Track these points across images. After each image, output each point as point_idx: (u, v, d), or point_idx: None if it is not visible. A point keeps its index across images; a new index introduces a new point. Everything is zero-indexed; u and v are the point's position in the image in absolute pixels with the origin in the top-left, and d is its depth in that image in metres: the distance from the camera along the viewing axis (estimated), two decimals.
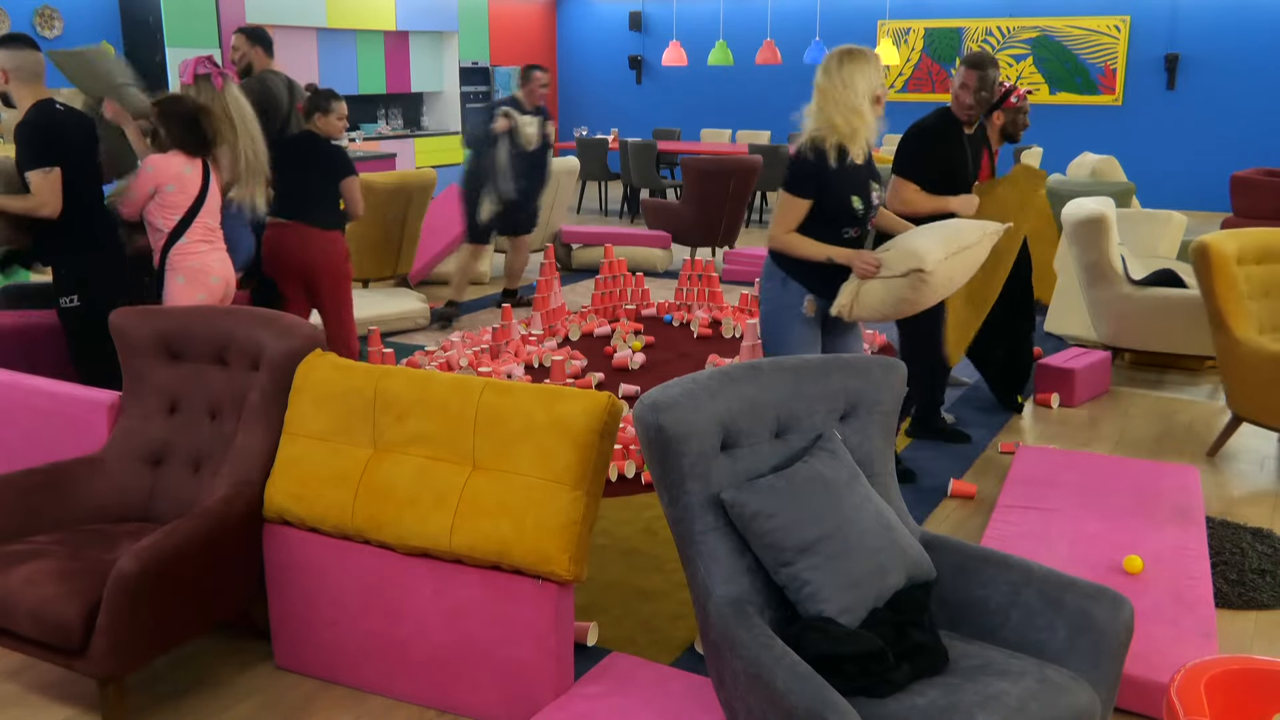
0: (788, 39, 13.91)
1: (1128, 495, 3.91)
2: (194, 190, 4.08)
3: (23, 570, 2.66)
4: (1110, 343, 5.67)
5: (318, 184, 5.02)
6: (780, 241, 3.70)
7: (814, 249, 3.66)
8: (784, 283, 3.74)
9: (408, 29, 12.70)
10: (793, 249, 3.69)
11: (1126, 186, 7.14)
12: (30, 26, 9.57)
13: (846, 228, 3.69)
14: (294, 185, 4.90)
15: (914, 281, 3.61)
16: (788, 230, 3.68)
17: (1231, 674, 2.06)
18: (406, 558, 2.77)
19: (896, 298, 3.64)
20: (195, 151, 4.10)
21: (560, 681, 2.71)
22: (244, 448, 2.98)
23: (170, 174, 4.03)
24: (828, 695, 1.95)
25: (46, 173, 3.86)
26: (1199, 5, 12.06)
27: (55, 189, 3.89)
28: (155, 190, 4.01)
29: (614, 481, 4.36)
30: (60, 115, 3.98)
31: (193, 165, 4.09)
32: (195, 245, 4.09)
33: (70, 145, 3.98)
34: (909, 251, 3.59)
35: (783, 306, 3.75)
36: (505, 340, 6.06)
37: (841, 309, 3.70)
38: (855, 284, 3.67)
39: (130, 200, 4.05)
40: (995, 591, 2.42)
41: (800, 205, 3.64)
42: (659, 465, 2.33)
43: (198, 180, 4.09)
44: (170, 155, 4.07)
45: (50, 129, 3.91)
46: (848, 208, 3.65)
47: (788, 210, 3.66)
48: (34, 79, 3.96)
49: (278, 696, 2.91)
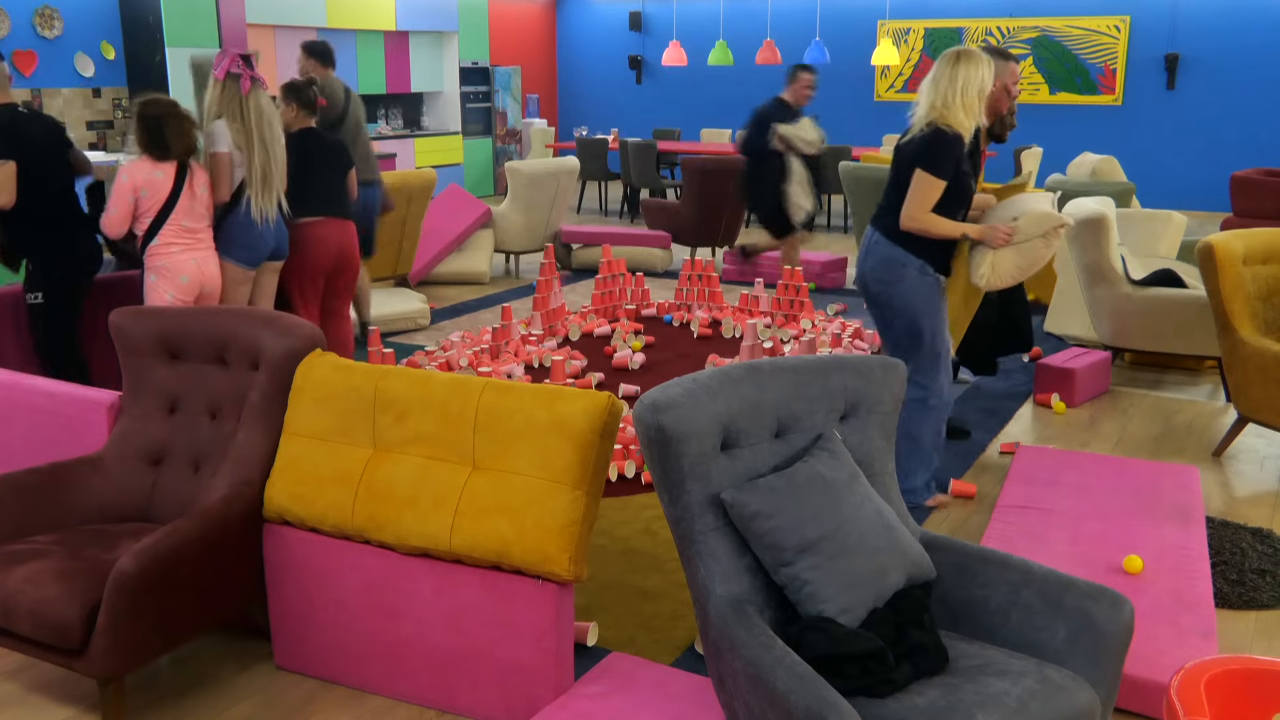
0: (788, 39, 13.91)
1: (1128, 495, 3.91)
2: (164, 193, 4.17)
3: (23, 570, 2.66)
4: (1110, 343, 5.67)
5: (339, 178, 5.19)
6: (921, 221, 3.85)
7: (952, 227, 3.89)
8: (921, 270, 3.93)
9: (408, 29, 12.70)
10: (933, 228, 3.86)
11: (1126, 186, 7.14)
12: (30, 26, 9.57)
13: (961, 209, 3.95)
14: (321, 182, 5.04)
15: (1049, 239, 3.96)
16: (927, 210, 3.84)
17: (1231, 674, 2.06)
18: (406, 558, 2.77)
19: (1030, 260, 3.99)
20: (159, 156, 4.16)
21: (560, 681, 2.71)
22: (244, 448, 2.98)
23: (141, 179, 4.14)
24: (828, 695, 1.94)
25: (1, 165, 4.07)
26: (1199, 5, 12.06)
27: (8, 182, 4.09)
28: (134, 196, 4.14)
29: (614, 481, 4.36)
30: (21, 116, 4.19)
31: (163, 169, 4.17)
32: (167, 246, 4.22)
33: (31, 144, 4.15)
34: (1042, 214, 3.93)
35: (927, 287, 3.95)
36: (505, 340, 6.06)
37: (981, 279, 4.01)
38: (989, 254, 3.98)
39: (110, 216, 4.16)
40: (995, 591, 2.42)
41: (939, 186, 3.80)
42: (659, 465, 2.33)
43: (168, 183, 4.18)
44: (139, 161, 4.16)
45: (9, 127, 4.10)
46: (969, 190, 3.94)
47: (928, 190, 3.81)
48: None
49: (278, 696, 2.91)
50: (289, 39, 11.42)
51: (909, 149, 3.88)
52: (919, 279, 3.93)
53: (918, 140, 3.83)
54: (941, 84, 3.80)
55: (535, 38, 15.56)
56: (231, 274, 4.50)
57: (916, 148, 3.83)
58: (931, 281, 3.95)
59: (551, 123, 16.04)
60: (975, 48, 3.88)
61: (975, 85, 3.77)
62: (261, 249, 4.54)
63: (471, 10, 13.58)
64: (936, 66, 3.85)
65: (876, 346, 6.26)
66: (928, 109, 3.82)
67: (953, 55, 3.81)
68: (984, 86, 3.79)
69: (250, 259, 4.51)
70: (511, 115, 14.33)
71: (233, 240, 4.46)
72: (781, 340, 6.25)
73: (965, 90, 3.76)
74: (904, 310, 3.96)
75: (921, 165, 3.79)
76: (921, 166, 3.79)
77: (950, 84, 3.78)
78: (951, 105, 3.77)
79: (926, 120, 3.82)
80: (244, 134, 4.36)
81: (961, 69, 3.77)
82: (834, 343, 6.15)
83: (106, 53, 10.18)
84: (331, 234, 5.06)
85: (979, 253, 3.99)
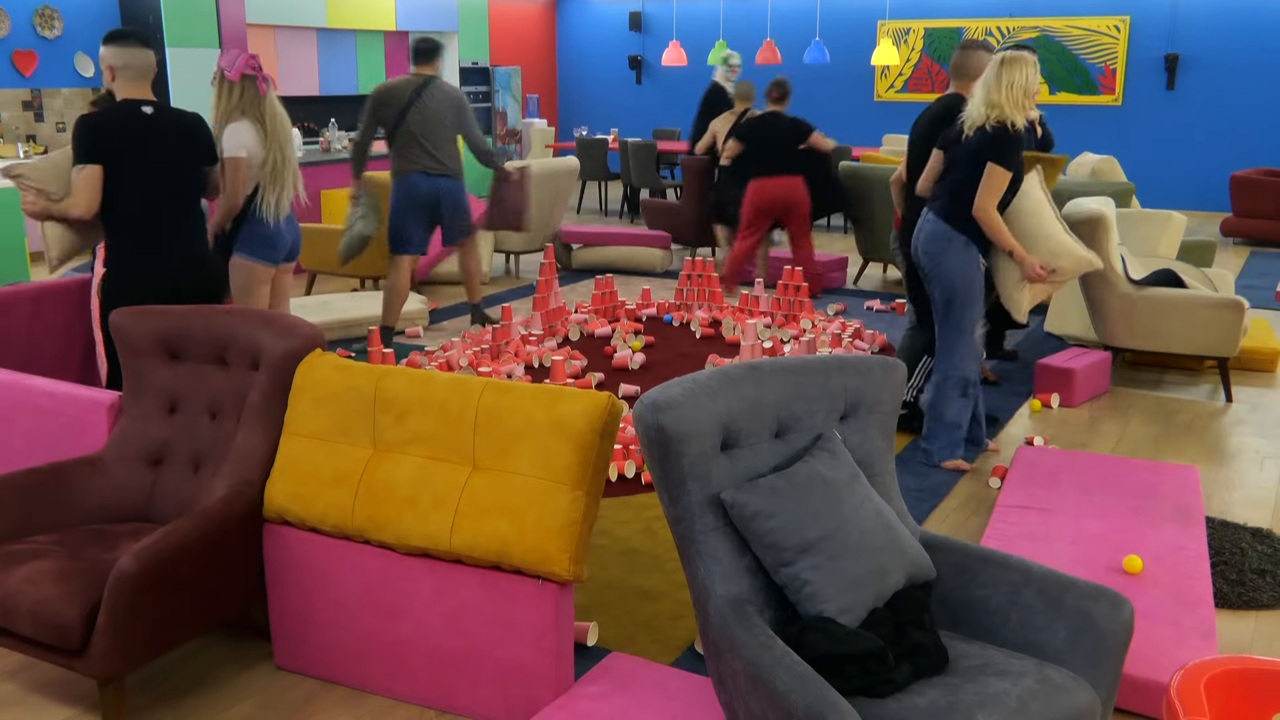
0: (788, 39, 13.91)
1: (1128, 495, 3.91)
2: None
3: (23, 570, 2.66)
4: (1110, 343, 5.67)
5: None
6: (990, 215, 4.22)
7: (1008, 237, 4.27)
8: (967, 245, 4.33)
9: (408, 29, 12.70)
10: (995, 227, 4.24)
11: (1126, 186, 7.13)
12: (30, 26, 9.58)
13: (1013, 195, 4.32)
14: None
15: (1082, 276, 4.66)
16: (995, 201, 4.21)
17: (1231, 674, 2.06)
18: (406, 558, 2.78)
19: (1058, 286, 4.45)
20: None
21: (560, 681, 2.71)
22: (244, 448, 2.98)
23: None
24: (828, 695, 1.94)
25: (80, 170, 3.69)
26: (1199, 5, 12.06)
27: (85, 187, 3.69)
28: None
29: (614, 481, 4.36)
30: (133, 116, 3.76)
31: None
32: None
33: (131, 147, 3.75)
34: (1082, 260, 4.34)
35: (970, 261, 4.35)
36: (505, 340, 6.06)
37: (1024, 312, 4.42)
38: (1025, 287, 4.37)
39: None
40: (995, 591, 2.42)
41: (1006, 177, 4.19)
42: (659, 465, 2.33)
43: None
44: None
45: (99, 130, 3.70)
46: (1021, 179, 4.31)
47: (997, 182, 4.19)
48: (139, 78, 3.82)
49: (278, 696, 2.91)
50: (289, 39, 11.41)
51: (975, 144, 4.22)
52: (963, 252, 4.33)
53: (986, 136, 4.17)
54: (992, 84, 4.18)
55: (535, 38, 15.56)
56: (255, 273, 4.44)
57: (986, 143, 4.17)
58: (974, 258, 4.34)
59: (551, 123, 16.04)
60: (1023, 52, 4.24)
61: (1020, 84, 4.12)
62: (282, 246, 4.51)
63: (471, 10, 13.58)
64: (988, 70, 4.23)
65: (877, 346, 6.26)
66: (985, 108, 4.18)
67: (1000, 59, 4.19)
68: (1029, 85, 4.14)
69: (272, 256, 4.49)
70: (511, 115, 14.32)
71: (254, 239, 4.42)
72: (781, 340, 6.25)
73: (1012, 87, 4.13)
74: (942, 279, 4.37)
75: (993, 159, 4.16)
76: (993, 160, 4.16)
77: (998, 84, 4.15)
78: (1002, 104, 4.14)
79: (984, 118, 4.18)
80: (265, 136, 4.31)
81: (1008, 70, 4.14)
82: (834, 343, 6.15)
83: None
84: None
85: (1017, 288, 4.37)
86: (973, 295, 4.37)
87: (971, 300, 4.37)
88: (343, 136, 9.94)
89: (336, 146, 9.71)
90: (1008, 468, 4.33)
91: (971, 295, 4.37)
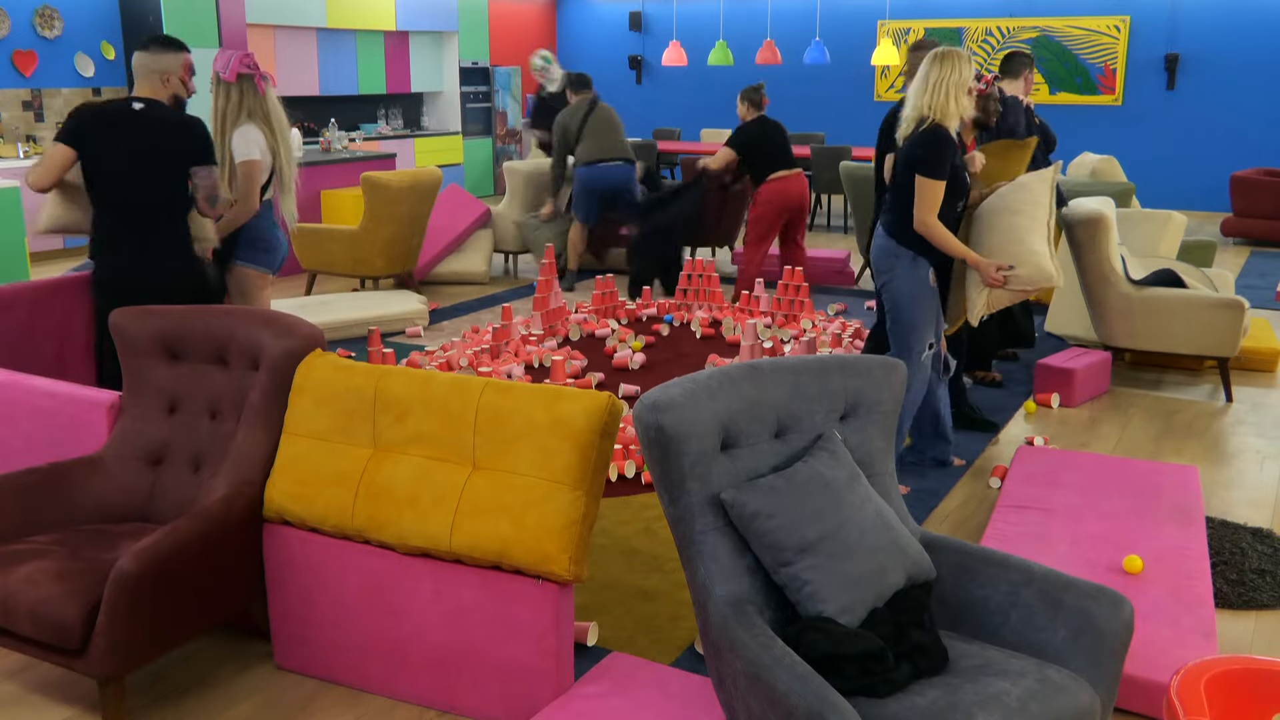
0: (788, 39, 13.91)
1: (1128, 495, 3.91)
2: None
3: (23, 570, 2.66)
4: (1110, 343, 5.67)
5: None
6: (930, 228, 4.01)
7: (956, 246, 4.07)
8: (914, 260, 4.12)
9: (408, 29, 12.70)
10: (940, 240, 4.03)
11: (1126, 186, 7.14)
12: (30, 26, 9.57)
13: (959, 199, 4.13)
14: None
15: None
16: (934, 214, 3.99)
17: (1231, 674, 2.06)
18: (406, 558, 2.77)
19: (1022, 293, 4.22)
20: None
21: (560, 681, 2.71)
22: (244, 448, 2.98)
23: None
24: (828, 695, 1.95)
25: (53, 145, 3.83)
26: (1199, 5, 12.06)
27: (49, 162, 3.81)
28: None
29: (614, 481, 4.36)
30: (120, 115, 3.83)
31: None
32: None
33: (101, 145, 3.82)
34: (1043, 273, 4.06)
35: (917, 281, 4.13)
36: (505, 340, 6.06)
37: (976, 316, 4.21)
38: (984, 291, 4.16)
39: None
40: (995, 591, 2.42)
41: (940, 187, 3.97)
42: (659, 465, 2.33)
43: None
44: None
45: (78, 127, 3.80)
46: (964, 183, 4.12)
47: (932, 194, 3.98)
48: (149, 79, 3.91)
49: (278, 696, 2.91)
50: (289, 39, 11.42)
51: (906, 154, 4.02)
52: (911, 269, 4.12)
53: (913, 144, 3.97)
54: (920, 84, 3.98)
55: (535, 38, 15.55)
56: (254, 280, 4.36)
57: (913, 153, 3.97)
58: (923, 275, 4.13)
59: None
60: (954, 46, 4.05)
61: (952, 81, 3.93)
62: (282, 252, 4.42)
63: (471, 10, 13.58)
64: (922, 67, 4.01)
65: None
66: (914, 110, 4.01)
67: (931, 55, 3.98)
68: (963, 81, 3.95)
69: (272, 263, 4.40)
70: (511, 115, 14.33)
71: (255, 244, 4.32)
72: (781, 340, 6.25)
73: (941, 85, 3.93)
74: (890, 298, 4.20)
75: (920, 171, 3.96)
76: (920, 172, 3.96)
77: (925, 83, 3.96)
78: (932, 104, 3.95)
79: (915, 122, 3.99)
80: (271, 136, 4.25)
81: (937, 68, 3.94)
82: (834, 343, 6.15)
83: (106, 53, 10.18)
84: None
85: (975, 289, 4.18)
86: (918, 318, 4.15)
87: (915, 323, 4.16)
88: (343, 136, 9.91)
89: (336, 147, 9.70)
90: (1008, 468, 4.33)
91: (916, 318, 4.15)
